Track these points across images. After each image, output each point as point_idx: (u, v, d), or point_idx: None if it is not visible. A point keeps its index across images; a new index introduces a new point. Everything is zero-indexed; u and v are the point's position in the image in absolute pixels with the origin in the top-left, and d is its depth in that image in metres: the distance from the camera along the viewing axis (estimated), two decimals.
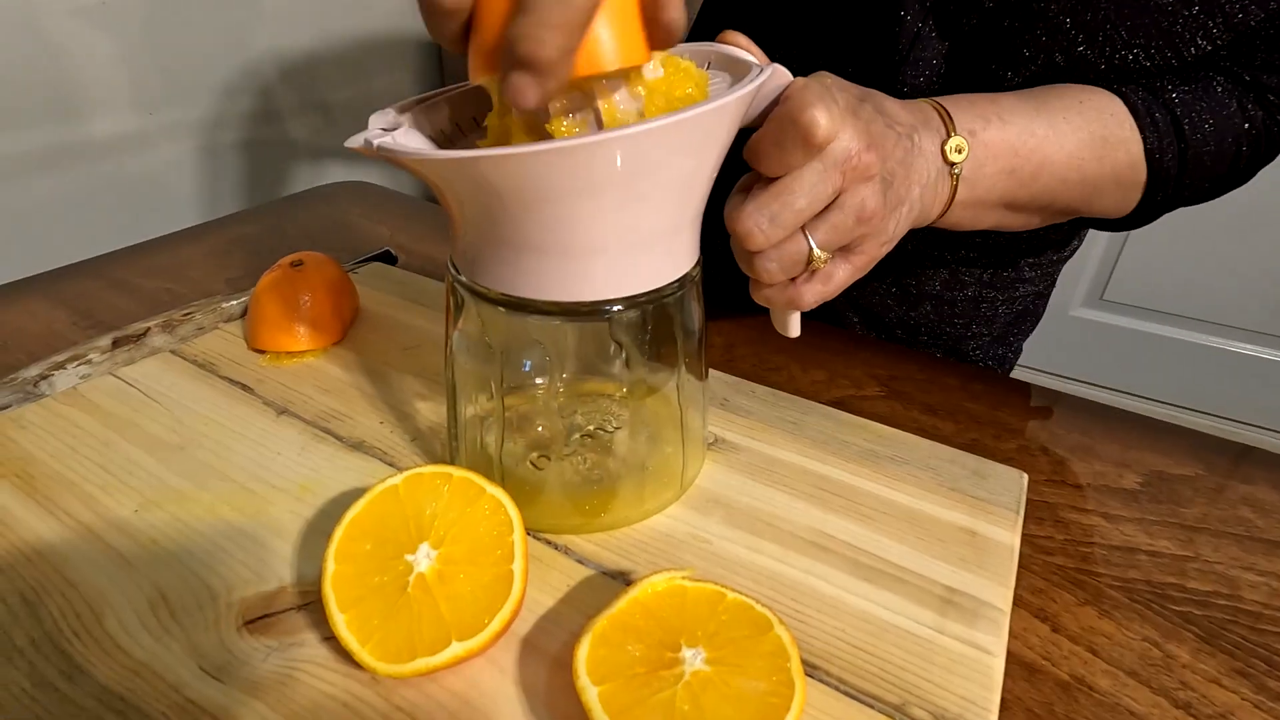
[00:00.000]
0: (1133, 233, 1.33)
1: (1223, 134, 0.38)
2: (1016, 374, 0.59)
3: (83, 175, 0.96)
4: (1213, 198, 0.42)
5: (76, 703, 0.23)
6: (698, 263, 0.29)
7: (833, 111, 0.27)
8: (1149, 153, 0.37)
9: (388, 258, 0.54)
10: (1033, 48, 0.39)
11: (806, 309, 0.32)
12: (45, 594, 0.26)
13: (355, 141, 0.24)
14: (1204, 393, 1.42)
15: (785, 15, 0.48)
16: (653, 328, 0.28)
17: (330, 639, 0.25)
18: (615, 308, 0.26)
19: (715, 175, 0.27)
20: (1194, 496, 0.37)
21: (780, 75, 0.28)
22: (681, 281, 0.27)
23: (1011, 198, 0.36)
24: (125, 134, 0.98)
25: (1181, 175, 0.38)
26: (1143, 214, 0.41)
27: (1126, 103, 0.37)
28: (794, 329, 0.34)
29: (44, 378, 0.38)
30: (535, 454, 0.31)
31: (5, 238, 0.90)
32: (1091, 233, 0.54)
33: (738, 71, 0.28)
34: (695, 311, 0.30)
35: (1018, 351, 0.60)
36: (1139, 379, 1.46)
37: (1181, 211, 0.42)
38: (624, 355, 0.29)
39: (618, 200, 0.23)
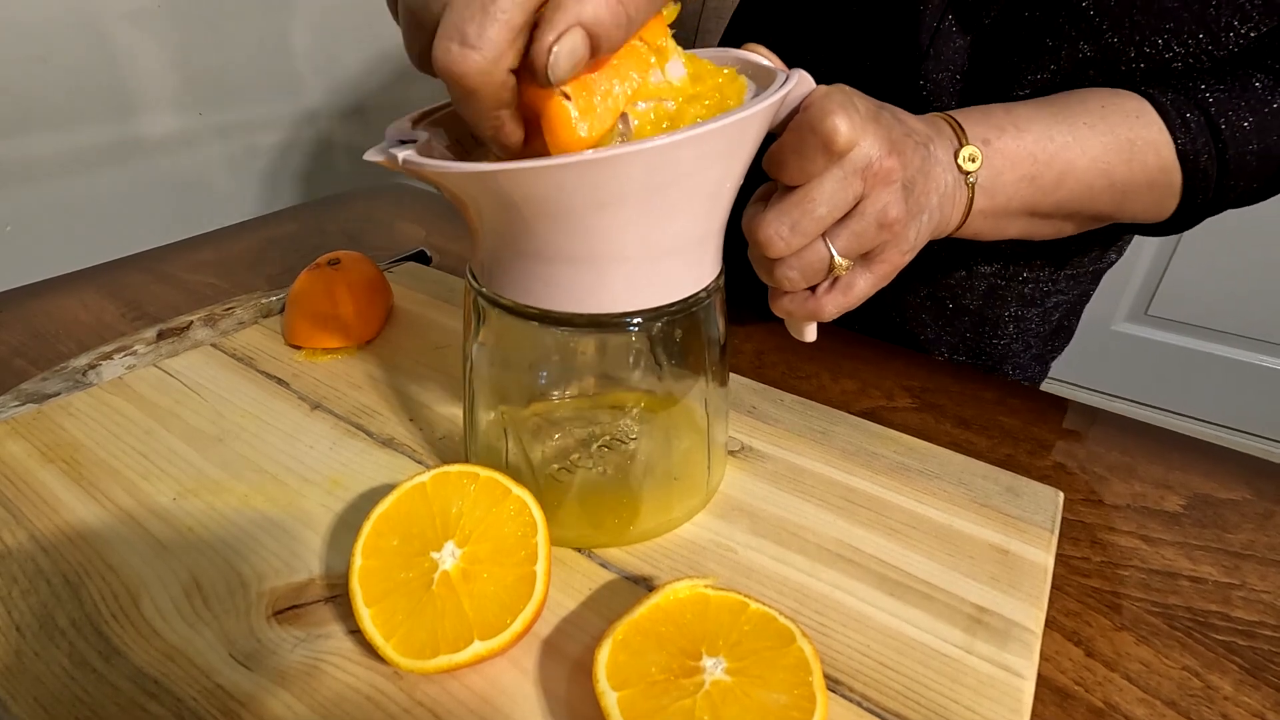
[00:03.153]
0: (1180, 246, 1.30)
1: (1266, 131, 0.36)
2: (1054, 389, 0.57)
3: (135, 172, 1.00)
4: (1267, 198, 0.40)
5: (113, 684, 0.23)
6: (721, 273, 0.28)
7: (853, 119, 0.27)
8: (1182, 154, 0.36)
9: (422, 258, 0.55)
10: (1056, 38, 0.38)
11: (827, 320, 0.32)
12: (86, 576, 0.27)
13: (375, 155, 0.23)
14: (1253, 414, 1.37)
15: (809, 17, 0.48)
16: (678, 338, 0.28)
17: (356, 632, 0.25)
18: (637, 319, 0.26)
19: (739, 184, 0.26)
20: (1241, 522, 0.35)
21: (804, 82, 0.28)
22: (705, 292, 0.27)
23: (1035, 205, 0.35)
24: (175, 133, 1.02)
25: (1223, 177, 0.37)
26: (1185, 217, 0.39)
27: (1155, 104, 0.36)
28: (810, 334, 0.34)
29: (92, 367, 0.39)
30: (555, 466, 0.31)
31: (61, 231, 0.94)
32: (1137, 245, 0.52)
33: (760, 78, 0.28)
34: (718, 322, 0.29)
35: (1047, 368, 0.59)
36: (1184, 398, 1.41)
37: (1230, 223, 0.40)
38: (645, 366, 0.29)
39: (640, 212, 0.23)
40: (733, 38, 0.56)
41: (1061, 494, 0.34)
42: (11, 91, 0.85)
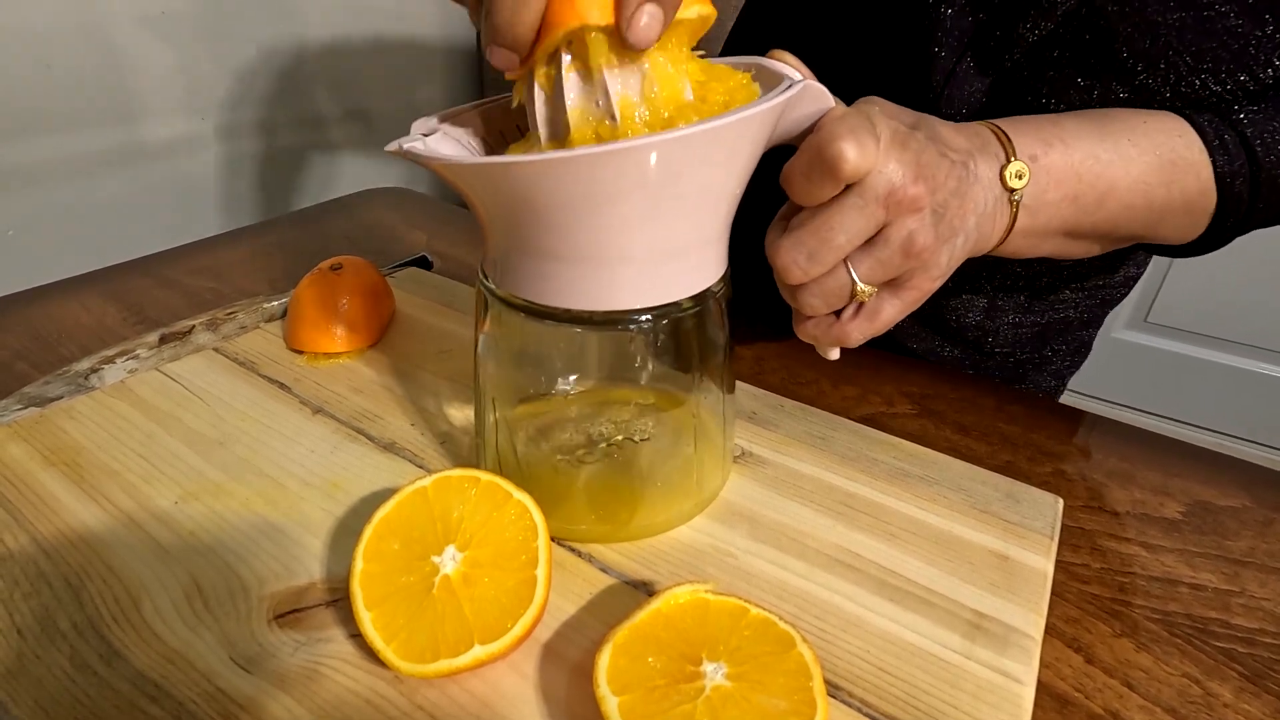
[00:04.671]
0: None
1: None
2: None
3: (138, 177, 1.00)
4: None
5: (113, 687, 0.23)
6: (723, 277, 0.28)
7: (864, 145, 0.26)
8: (1219, 177, 0.35)
9: (424, 263, 0.55)
10: (1088, 77, 0.37)
11: (853, 346, 0.31)
12: (88, 579, 0.27)
13: (393, 146, 0.25)
14: (1253, 421, 1.37)
15: (816, 51, 0.47)
16: (677, 339, 0.28)
17: (356, 636, 0.25)
18: (643, 318, 0.26)
19: (742, 188, 0.26)
20: (1240, 529, 0.35)
21: (817, 97, 0.28)
22: (703, 295, 0.27)
23: (1074, 225, 0.34)
24: (178, 138, 1.02)
25: (1255, 200, 0.36)
26: (1211, 239, 0.38)
27: (1194, 125, 0.35)
28: (833, 354, 0.34)
29: (94, 371, 0.39)
30: (558, 459, 0.31)
31: (65, 235, 0.94)
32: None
33: (776, 86, 0.28)
34: (720, 324, 0.30)
35: (1065, 384, 0.58)
36: (1184, 405, 1.42)
37: None
38: (645, 366, 0.29)
39: (639, 211, 0.23)
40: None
41: (1061, 500, 0.34)
42: (15, 97, 0.86)
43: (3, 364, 0.43)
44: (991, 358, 0.53)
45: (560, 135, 0.25)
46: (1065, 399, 0.54)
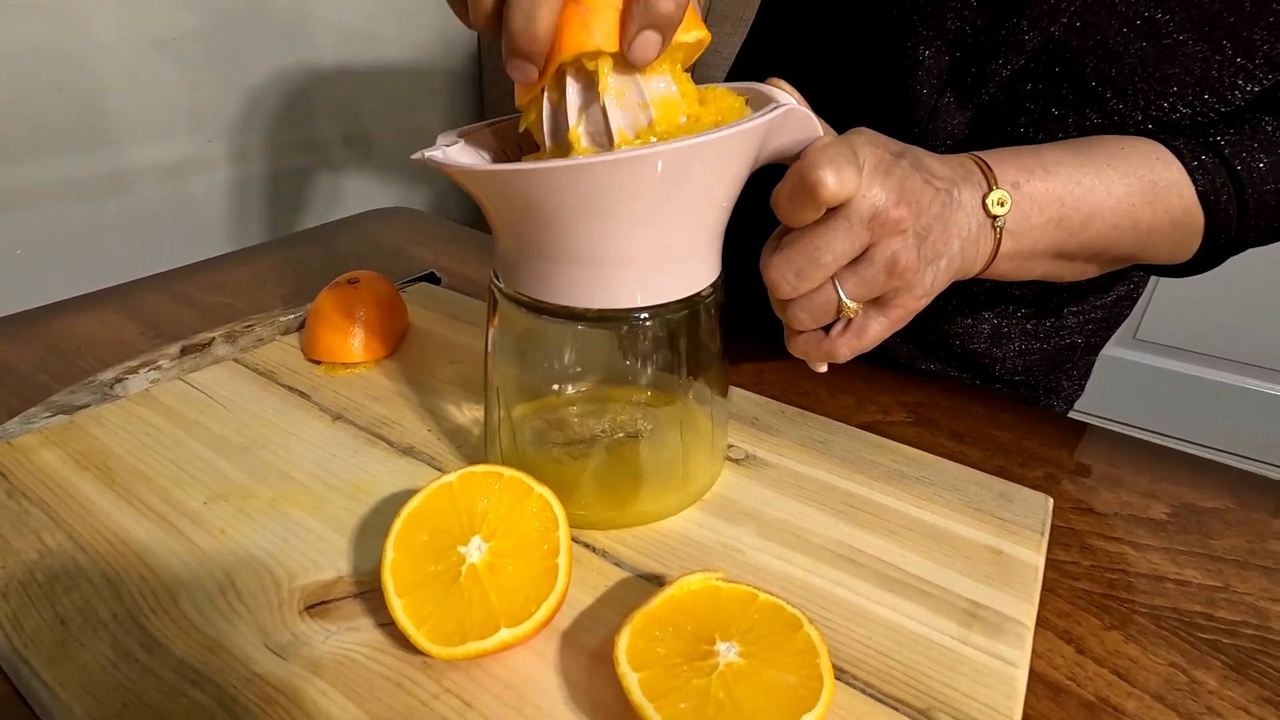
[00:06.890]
0: None
1: None
2: None
3: (150, 197, 1.02)
4: None
5: (155, 673, 0.25)
6: (715, 283, 0.30)
7: (843, 174, 0.28)
8: (1202, 195, 0.36)
9: (432, 278, 0.57)
10: (1062, 107, 0.39)
11: (841, 362, 0.33)
12: (125, 574, 0.28)
13: (417, 155, 0.28)
14: (1241, 436, 1.39)
15: (811, 89, 0.49)
16: (671, 339, 0.30)
17: (384, 625, 0.26)
18: (640, 317, 0.28)
19: (731, 200, 0.29)
20: (1224, 529, 0.37)
21: (803, 122, 0.29)
22: (695, 299, 0.29)
23: (1061, 247, 0.36)
24: (185, 160, 1.04)
25: (1243, 217, 0.37)
26: (1207, 258, 0.39)
27: (1170, 148, 0.36)
28: (821, 367, 0.35)
29: (118, 381, 0.41)
30: (559, 451, 0.33)
31: (79, 253, 0.95)
32: None
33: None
34: (713, 327, 0.31)
35: (1071, 407, 0.59)
36: (1172, 421, 1.44)
37: None
38: (643, 365, 0.31)
39: (635, 216, 0.26)
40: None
41: (1051, 499, 0.36)
42: (27, 118, 0.88)
43: (24, 376, 0.44)
44: (1000, 381, 0.53)
45: (564, 144, 0.27)
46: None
